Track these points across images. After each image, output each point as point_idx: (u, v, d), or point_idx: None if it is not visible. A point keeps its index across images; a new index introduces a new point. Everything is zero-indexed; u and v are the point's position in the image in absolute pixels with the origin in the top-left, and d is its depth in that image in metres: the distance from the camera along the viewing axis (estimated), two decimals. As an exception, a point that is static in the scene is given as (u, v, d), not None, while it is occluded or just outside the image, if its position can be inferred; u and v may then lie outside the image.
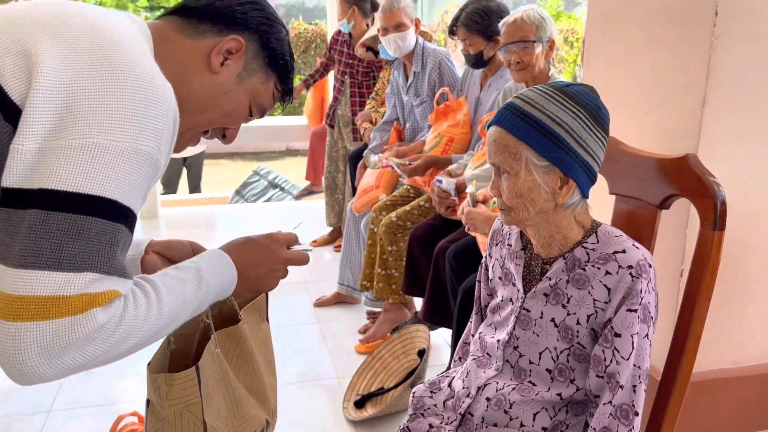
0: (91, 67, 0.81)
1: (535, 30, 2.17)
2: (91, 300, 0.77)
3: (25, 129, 0.77)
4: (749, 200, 1.48)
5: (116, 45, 0.85)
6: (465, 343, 1.44)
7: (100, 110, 0.79)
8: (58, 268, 0.76)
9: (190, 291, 0.93)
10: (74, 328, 0.76)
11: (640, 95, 1.61)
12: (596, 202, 1.54)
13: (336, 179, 4.17)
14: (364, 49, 3.66)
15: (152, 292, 0.86)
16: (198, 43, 1.00)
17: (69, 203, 0.76)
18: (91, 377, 2.59)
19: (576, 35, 8.92)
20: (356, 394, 2.45)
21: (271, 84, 1.08)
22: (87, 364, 0.81)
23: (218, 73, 1.01)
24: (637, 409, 1.11)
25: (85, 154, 0.77)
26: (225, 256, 1.03)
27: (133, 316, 0.82)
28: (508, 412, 1.21)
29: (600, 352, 1.14)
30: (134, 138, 0.80)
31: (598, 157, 1.16)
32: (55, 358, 0.76)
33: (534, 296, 1.23)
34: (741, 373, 1.55)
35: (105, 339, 0.79)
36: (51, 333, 0.75)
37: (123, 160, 0.79)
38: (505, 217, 1.20)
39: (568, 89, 1.14)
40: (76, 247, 0.76)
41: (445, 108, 2.89)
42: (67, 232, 0.76)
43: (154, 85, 0.84)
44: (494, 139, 1.15)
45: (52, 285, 0.76)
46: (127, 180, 0.80)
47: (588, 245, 1.18)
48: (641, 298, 1.11)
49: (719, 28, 1.36)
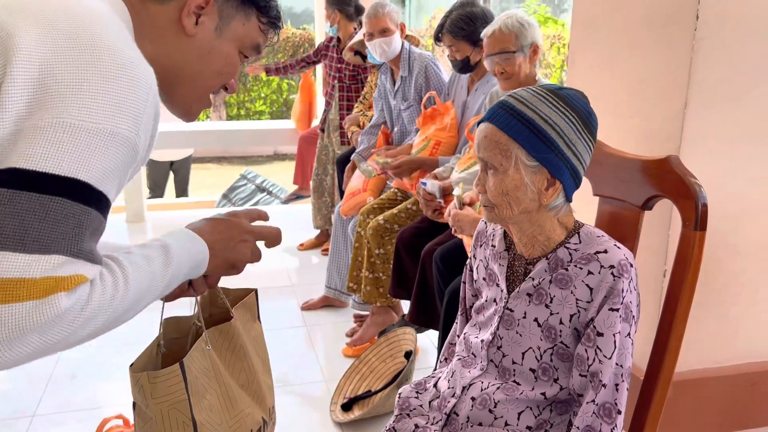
0: (70, 49, 0.79)
1: (515, 39, 2.15)
2: (56, 284, 0.74)
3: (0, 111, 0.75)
4: (730, 201, 1.50)
5: (96, 29, 0.82)
6: (450, 344, 1.45)
7: (77, 92, 0.76)
8: (21, 250, 0.72)
9: (157, 268, 0.89)
10: (36, 313, 0.73)
11: (624, 98, 1.63)
12: (580, 204, 1.56)
13: (324, 182, 4.18)
14: (352, 53, 3.68)
15: (118, 271, 0.82)
16: (166, 7, 0.97)
17: (37, 183, 0.73)
18: (76, 381, 2.57)
19: (562, 41, 8.99)
20: (343, 398, 2.45)
21: (253, 20, 1.04)
22: (49, 349, 0.77)
23: (195, 34, 0.99)
24: (620, 408, 1.12)
25: (58, 134, 0.74)
26: (191, 233, 0.99)
27: (99, 299, 0.79)
28: (492, 412, 1.22)
29: (583, 352, 1.15)
30: (112, 120, 0.77)
31: (584, 161, 1.17)
32: (16, 343, 0.73)
33: (517, 296, 1.24)
34: (722, 373, 1.57)
35: (68, 323, 0.76)
36: (11, 317, 0.72)
37: (98, 142, 0.76)
38: (488, 213, 1.20)
39: (561, 92, 1.15)
40: (41, 229, 0.73)
41: (433, 112, 2.91)
42: (33, 213, 0.73)
43: (136, 71, 0.82)
44: (485, 135, 1.16)
45: (15, 267, 0.72)
46: (102, 163, 0.77)
47: (570, 245, 1.19)
48: (623, 298, 1.13)
49: (700, 33, 1.39)
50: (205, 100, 1.07)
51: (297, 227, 4.60)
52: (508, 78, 2.21)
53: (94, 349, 2.84)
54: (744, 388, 1.59)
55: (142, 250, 0.90)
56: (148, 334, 1.16)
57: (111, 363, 2.71)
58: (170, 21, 0.98)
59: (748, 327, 1.59)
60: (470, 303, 1.42)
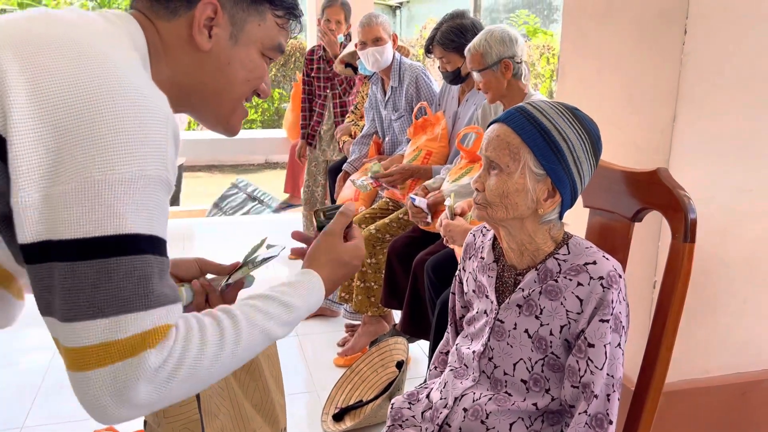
0: (75, 95, 0.75)
1: (481, 58, 2.23)
2: (142, 341, 0.75)
3: (20, 181, 0.73)
4: (719, 213, 1.51)
5: (99, 63, 0.78)
6: (441, 352, 1.45)
7: (94, 143, 0.73)
8: (98, 316, 0.74)
9: (274, 326, 0.89)
10: (130, 371, 0.75)
11: (613, 111, 1.64)
12: (571, 215, 1.57)
13: (315, 193, 4.18)
14: (343, 66, 3.69)
15: (228, 327, 0.83)
16: (175, 24, 0.93)
17: (89, 250, 0.73)
18: (65, 391, 2.55)
19: (552, 51, 9.05)
20: (335, 408, 2.44)
21: (268, 17, 0.98)
22: (167, 398, 0.78)
23: (210, 48, 0.94)
24: (612, 418, 1.13)
25: (90, 195, 0.72)
26: (321, 288, 0.98)
27: (197, 351, 0.79)
28: (484, 423, 1.22)
29: (574, 363, 1.16)
30: (138, 165, 0.75)
31: (585, 182, 1.19)
32: (125, 399, 0.75)
33: (508, 307, 1.24)
34: (712, 383, 1.58)
35: (168, 375, 0.77)
36: (111, 378, 0.74)
37: (132, 190, 0.74)
38: (480, 212, 1.20)
39: (576, 112, 1.18)
40: (109, 291, 0.74)
41: (424, 122, 2.92)
42: (97, 279, 0.73)
43: (147, 102, 0.78)
44: (498, 134, 1.16)
45: (98, 333, 0.74)
46: (142, 208, 0.76)
47: (560, 256, 1.20)
48: (613, 308, 1.13)
49: (688, 46, 1.40)
50: (240, 110, 1.02)
51: (288, 236, 4.59)
52: (486, 92, 2.29)
53: (84, 360, 2.82)
54: (734, 398, 1.60)
55: (264, 303, 0.90)
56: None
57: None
58: (182, 39, 0.93)
59: (737, 337, 1.61)
60: (460, 314, 1.43)
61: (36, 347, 2.94)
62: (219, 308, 0.86)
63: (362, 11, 3.58)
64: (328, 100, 4.02)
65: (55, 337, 0.78)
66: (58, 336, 0.77)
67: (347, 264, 1.04)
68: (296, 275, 0.99)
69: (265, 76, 1.02)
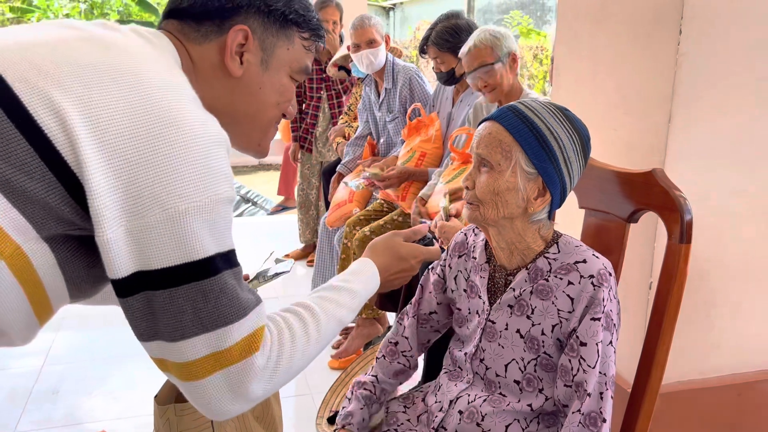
0: (137, 125, 0.77)
1: (491, 51, 2.20)
2: (247, 346, 0.83)
3: (101, 218, 0.76)
4: (715, 214, 1.51)
5: (156, 89, 0.80)
6: (390, 342, 1.43)
7: (168, 174, 0.76)
8: (204, 331, 0.81)
9: (344, 313, 0.99)
10: (242, 373, 0.83)
11: (608, 112, 1.64)
12: (566, 216, 1.56)
13: (309, 196, 4.17)
14: (336, 69, 3.68)
15: (309, 320, 0.93)
16: (206, 48, 0.95)
17: (182, 276, 0.79)
18: (58, 397, 2.53)
19: (545, 52, 9.07)
20: (329, 411, 2.43)
21: (295, 41, 1.00)
22: (274, 388, 0.89)
23: (242, 75, 0.96)
24: (605, 416, 1.13)
25: (175, 225, 0.77)
26: (376, 274, 1.08)
27: (290, 346, 0.89)
28: (480, 425, 1.21)
29: (567, 362, 1.16)
30: (212, 190, 0.79)
31: (574, 181, 1.19)
32: (242, 396, 0.84)
33: (499, 308, 1.24)
34: (708, 384, 1.58)
35: (272, 371, 0.87)
36: (224, 381, 0.83)
37: (209, 215, 0.79)
38: (471, 212, 1.20)
39: (567, 112, 1.18)
40: (209, 309, 0.80)
41: (418, 123, 2.92)
42: (195, 301, 0.80)
43: (206, 128, 0.81)
44: (489, 132, 1.16)
45: (207, 345, 0.81)
46: (219, 228, 0.81)
47: (550, 255, 1.20)
48: (604, 307, 1.13)
49: (683, 47, 1.40)
50: (270, 132, 1.05)
51: (282, 238, 4.58)
52: (492, 90, 2.24)
53: (76, 365, 2.80)
54: (730, 399, 1.60)
55: (334, 294, 1.00)
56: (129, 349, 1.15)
57: (92, 378, 2.67)
58: (213, 64, 0.95)
59: (733, 338, 1.61)
60: (427, 310, 1.40)
61: (28, 352, 2.92)
62: (296, 304, 0.96)
63: (355, 13, 3.57)
64: (322, 101, 4.01)
65: (161, 357, 0.84)
66: (165, 356, 0.83)
67: (404, 259, 1.13)
68: (355, 263, 1.09)
69: (292, 98, 1.05)
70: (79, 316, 3.12)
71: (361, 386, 1.39)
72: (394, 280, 1.13)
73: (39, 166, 0.75)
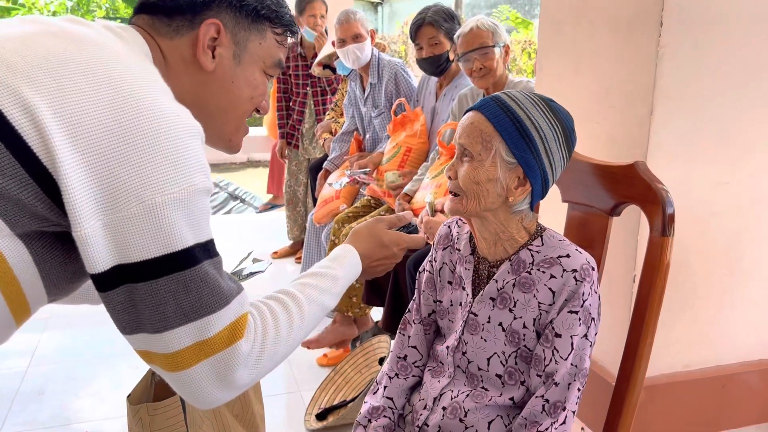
0: (111, 118, 0.76)
1: (492, 36, 2.27)
2: (231, 333, 0.83)
3: (77, 213, 0.75)
4: (698, 205, 1.51)
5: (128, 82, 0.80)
6: (399, 357, 1.36)
7: (144, 166, 0.76)
8: (186, 321, 0.80)
9: (327, 298, 1.00)
10: (228, 360, 0.83)
11: (591, 105, 1.64)
12: (549, 210, 1.56)
13: (297, 192, 4.15)
14: (321, 68, 3.65)
15: (292, 306, 0.93)
16: (177, 43, 0.95)
17: (162, 267, 0.78)
18: (44, 398, 2.51)
19: (534, 46, 9.08)
20: (318, 408, 2.43)
21: (268, 35, 1.00)
22: (260, 374, 0.89)
23: (214, 68, 0.96)
24: (567, 405, 1.14)
25: (153, 218, 0.77)
26: (358, 260, 1.08)
27: (274, 331, 0.89)
28: (463, 421, 1.21)
29: (540, 352, 1.16)
30: (188, 181, 0.79)
31: (557, 173, 1.18)
32: (228, 384, 0.84)
33: (482, 300, 1.24)
34: (693, 377, 1.58)
35: (257, 357, 0.87)
36: (210, 369, 0.83)
37: (186, 206, 0.79)
38: (453, 204, 1.19)
39: (551, 103, 1.18)
40: (190, 299, 0.80)
41: (403, 118, 2.91)
42: (176, 291, 0.79)
43: (180, 119, 0.81)
44: (471, 121, 1.16)
45: (191, 335, 0.81)
46: (197, 219, 0.81)
47: (533, 247, 1.20)
48: (583, 301, 1.14)
49: (664, 39, 1.40)
50: (242, 128, 1.05)
51: (271, 235, 4.56)
52: (485, 75, 2.28)
53: (62, 365, 2.78)
54: (714, 391, 1.61)
55: (316, 280, 1.00)
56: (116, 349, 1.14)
57: (79, 378, 2.65)
58: (184, 58, 0.95)
59: (717, 330, 1.61)
60: (427, 312, 1.36)
61: (14, 353, 2.90)
62: (279, 291, 0.96)
63: (343, 8, 3.54)
64: (308, 97, 3.99)
65: (145, 349, 0.84)
66: (149, 347, 0.83)
67: (386, 246, 1.13)
68: (337, 249, 1.09)
69: (266, 93, 1.05)
70: (65, 317, 3.10)
71: (378, 414, 1.31)
72: (377, 266, 1.13)
73: (10, 162, 0.74)
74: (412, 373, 1.35)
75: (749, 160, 1.53)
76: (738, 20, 1.44)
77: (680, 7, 1.39)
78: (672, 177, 1.41)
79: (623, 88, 1.52)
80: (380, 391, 1.34)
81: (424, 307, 1.37)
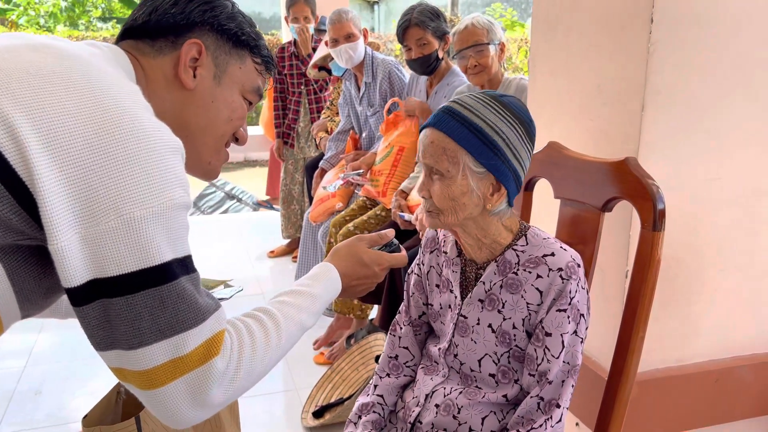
0: (91, 131, 0.76)
1: (487, 33, 2.30)
2: (206, 350, 0.82)
3: (54, 227, 0.74)
4: (689, 201, 1.52)
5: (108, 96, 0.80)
6: (390, 357, 1.38)
7: (123, 180, 0.76)
8: (161, 338, 0.79)
9: (305, 317, 0.99)
10: (202, 378, 0.82)
11: (583, 101, 1.64)
12: (541, 206, 1.57)
13: (292, 191, 4.16)
14: (316, 70, 3.66)
15: (270, 324, 0.92)
16: (159, 62, 0.97)
17: (138, 283, 0.77)
18: (40, 397, 2.51)
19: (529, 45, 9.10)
20: (315, 406, 2.43)
21: (248, 62, 1.03)
22: (234, 394, 0.88)
23: (195, 87, 0.98)
24: (560, 402, 1.15)
25: (131, 232, 0.76)
26: (337, 279, 1.08)
27: (250, 349, 0.88)
28: (456, 417, 1.22)
29: (532, 351, 1.17)
30: (167, 196, 0.78)
31: (526, 168, 1.18)
32: (202, 403, 0.83)
33: (470, 302, 1.24)
34: (685, 371, 1.59)
35: (233, 375, 0.85)
36: (185, 387, 0.81)
37: (165, 220, 0.78)
38: (431, 220, 1.19)
39: (503, 99, 1.16)
40: (166, 316, 0.79)
41: (395, 117, 2.91)
42: (152, 307, 0.78)
43: (160, 134, 0.81)
44: (432, 140, 1.14)
45: (165, 352, 0.80)
46: (175, 234, 0.80)
47: (518, 247, 1.20)
48: (571, 299, 1.14)
49: (655, 35, 1.40)
50: (222, 152, 1.05)
51: (267, 234, 4.56)
52: (480, 71, 2.30)
53: (58, 364, 2.78)
54: (707, 385, 1.61)
55: (294, 299, 0.99)
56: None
57: (76, 378, 2.65)
58: (166, 77, 0.97)
59: (709, 325, 1.62)
60: (416, 314, 1.37)
61: (10, 354, 2.90)
62: (256, 309, 0.95)
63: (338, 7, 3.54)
64: (303, 96, 3.99)
65: (119, 367, 0.82)
66: (123, 365, 0.81)
67: (366, 265, 1.12)
68: (317, 267, 1.09)
69: (244, 119, 1.06)
70: (61, 317, 3.09)
71: (368, 410, 1.33)
72: (357, 286, 1.12)
73: None
74: (404, 372, 1.35)
75: (739, 155, 1.54)
76: (728, 17, 1.45)
77: (671, 5, 1.40)
78: (663, 173, 1.42)
79: (614, 85, 1.53)
80: (371, 390, 1.35)
81: (413, 309, 1.37)
